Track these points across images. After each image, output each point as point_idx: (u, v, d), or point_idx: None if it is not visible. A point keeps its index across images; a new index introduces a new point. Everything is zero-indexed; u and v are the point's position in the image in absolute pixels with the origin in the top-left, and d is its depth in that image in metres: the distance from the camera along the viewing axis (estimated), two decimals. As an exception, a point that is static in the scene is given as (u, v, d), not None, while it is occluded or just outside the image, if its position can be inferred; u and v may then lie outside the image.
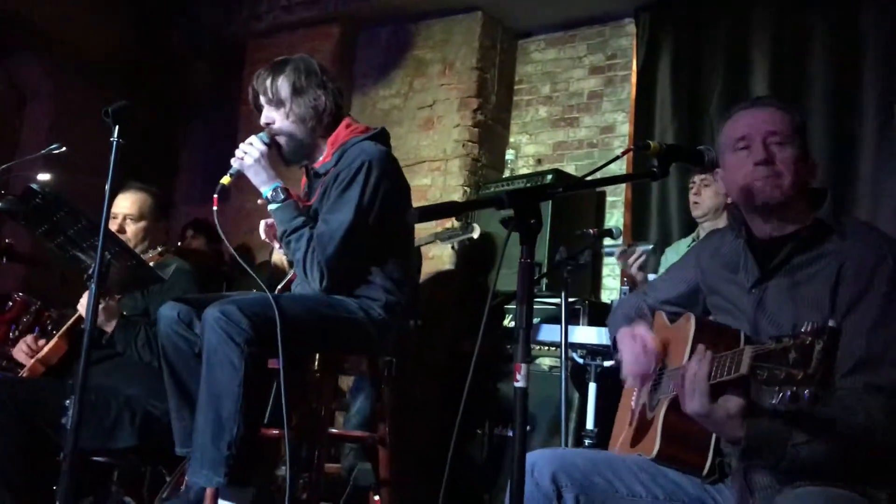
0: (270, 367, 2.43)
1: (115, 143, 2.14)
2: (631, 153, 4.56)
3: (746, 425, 1.53)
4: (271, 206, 2.59)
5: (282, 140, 2.66)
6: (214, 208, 2.52)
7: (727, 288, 1.89)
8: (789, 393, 1.32)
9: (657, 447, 1.73)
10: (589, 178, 1.73)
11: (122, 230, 2.99)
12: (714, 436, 1.71)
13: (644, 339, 1.92)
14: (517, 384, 1.46)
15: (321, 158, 2.70)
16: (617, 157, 1.80)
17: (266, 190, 2.58)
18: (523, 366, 1.46)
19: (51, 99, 5.84)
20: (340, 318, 2.52)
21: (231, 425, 2.26)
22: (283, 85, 2.64)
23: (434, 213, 1.46)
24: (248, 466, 2.30)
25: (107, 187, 2.15)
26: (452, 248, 4.78)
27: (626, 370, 1.95)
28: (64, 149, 2.49)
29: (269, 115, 2.67)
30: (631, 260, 3.35)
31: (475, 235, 4.05)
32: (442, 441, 4.34)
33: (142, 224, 3.06)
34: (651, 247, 3.47)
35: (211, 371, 2.30)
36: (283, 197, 2.57)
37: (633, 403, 2.04)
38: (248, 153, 2.57)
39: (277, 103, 2.64)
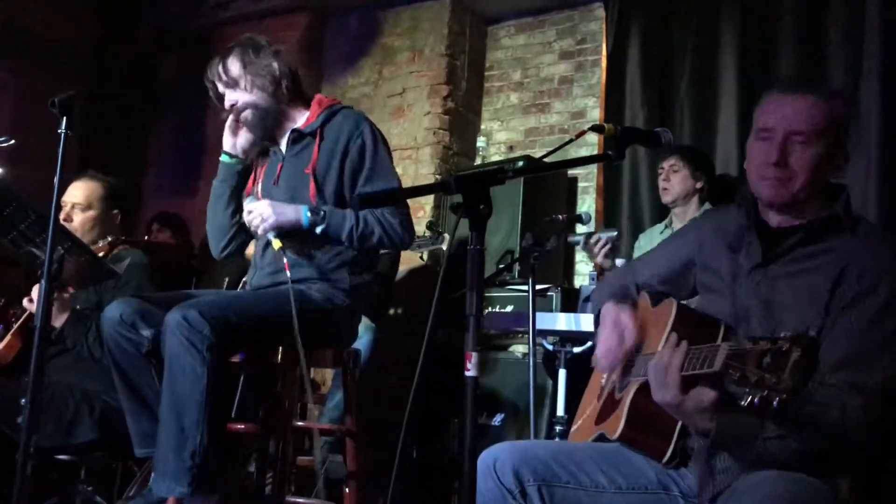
0: (231, 361, 2.39)
1: (62, 134, 2.08)
2: (602, 138, 4.58)
3: (717, 418, 1.52)
4: (319, 229, 2.51)
5: (247, 114, 2.63)
6: (286, 273, 2.44)
7: (723, 266, 1.85)
8: (758, 398, 1.29)
9: (620, 428, 1.72)
10: (545, 160, 1.70)
11: (68, 219, 2.95)
12: (679, 423, 1.69)
13: (622, 330, 1.89)
14: (468, 373, 1.43)
15: (303, 121, 2.67)
16: (570, 141, 1.78)
17: (304, 220, 2.51)
18: (474, 354, 1.44)
19: (14, 91, 5.73)
20: (306, 311, 2.49)
21: (194, 434, 2.23)
22: (234, 63, 2.64)
23: (379, 200, 1.42)
24: (212, 473, 2.26)
25: (55, 180, 2.10)
26: (421, 257, 4.75)
27: (597, 355, 1.94)
28: (13, 142, 2.43)
29: (231, 97, 2.65)
30: (596, 249, 3.33)
31: (444, 246, 4.03)
32: (416, 432, 4.31)
33: (90, 213, 3.00)
34: (615, 233, 3.45)
35: (172, 378, 2.26)
36: (322, 213, 2.50)
37: (602, 380, 2.03)
38: (261, 212, 2.50)
39: (233, 83, 2.63)
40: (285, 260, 2.43)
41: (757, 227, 1.81)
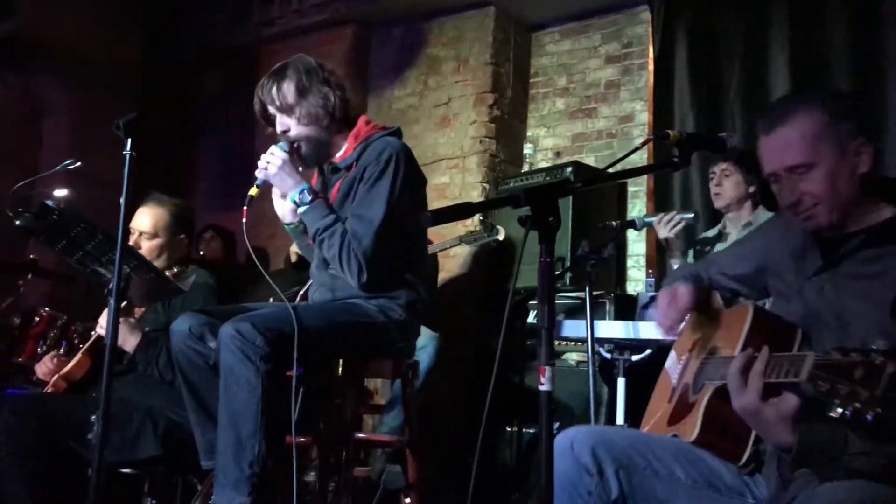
0: (289, 374, 2.41)
1: (127, 155, 2.13)
2: (651, 142, 4.53)
3: (799, 431, 1.48)
4: (300, 210, 2.60)
5: (301, 145, 2.65)
6: (244, 220, 2.51)
7: (789, 275, 1.84)
8: (850, 411, 1.25)
9: (696, 432, 1.69)
10: (608, 170, 1.69)
11: (137, 246, 2.98)
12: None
13: (676, 291, 1.91)
14: (542, 387, 1.42)
15: (341, 153, 2.69)
16: (636, 149, 1.76)
17: (293, 194, 2.59)
18: (548, 368, 1.42)
19: (67, 113, 5.87)
20: (360, 323, 2.51)
21: (252, 444, 2.25)
22: (289, 89, 2.64)
23: (449, 214, 1.43)
24: (271, 483, 2.28)
25: (121, 201, 2.13)
26: (477, 249, 4.74)
27: (656, 320, 1.97)
28: (79, 164, 2.49)
29: (283, 122, 2.67)
30: (672, 222, 3.32)
31: (500, 237, 4.02)
32: (470, 440, 4.31)
33: (156, 242, 3.03)
34: (692, 215, 3.42)
35: (228, 391, 2.29)
36: (310, 198, 2.57)
37: (673, 381, 2.01)
38: (271, 162, 2.58)
39: (288, 109, 2.64)
40: (243, 208, 2.51)
41: (816, 236, 1.78)
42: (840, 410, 1.26)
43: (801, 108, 1.72)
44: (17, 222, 2.36)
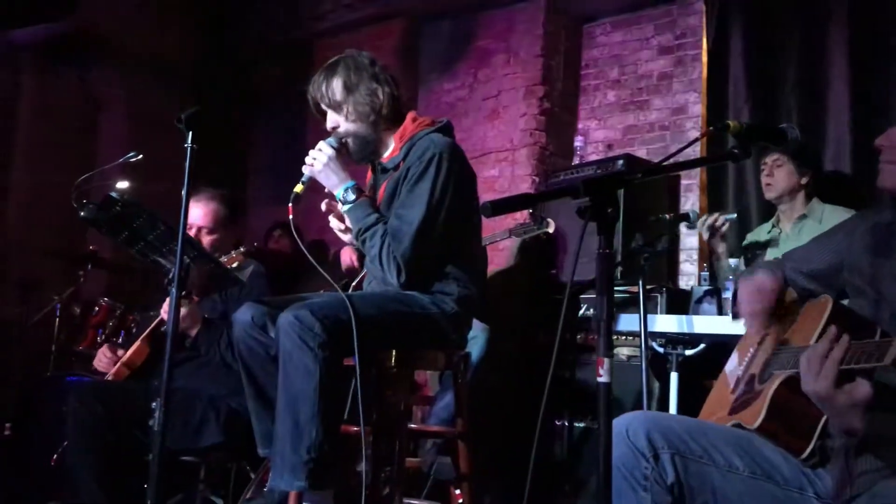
0: (346, 364, 2.44)
1: (188, 148, 2.17)
2: (706, 136, 4.47)
3: (869, 419, 1.46)
4: (343, 208, 2.63)
5: (349, 141, 2.68)
6: (290, 217, 2.55)
7: (871, 270, 1.80)
8: None
9: (761, 418, 1.67)
10: (665, 163, 1.68)
11: (197, 240, 3.04)
12: (822, 421, 1.64)
13: (762, 279, 1.89)
14: (600, 379, 1.42)
15: (388, 153, 2.71)
16: (695, 140, 1.76)
17: (338, 192, 2.63)
18: (606, 360, 1.42)
19: (125, 107, 6.00)
20: (414, 314, 2.53)
21: (310, 429, 2.28)
22: (337, 86, 2.66)
23: (508, 205, 1.43)
24: (328, 469, 2.31)
25: (183, 192, 2.19)
26: (525, 242, 4.73)
27: (741, 310, 1.94)
28: (141, 156, 2.55)
29: (333, 118, 2.70)
30: (718, 224, 3.28)
31: (550, 230, 4.01)
32: (518, 433, 4.31)
33: (215, 236, 3.10)
34: (734, 216, 3.37)
35: (287, 377, 2.32)
36: (353, 197, 2.60)
37: (739, 372, 1.98)
38: (318, 158, 2.62)
39: (336, 106, 2.67)
40: (288, 205, 2.55)
41: None
42: None
43: None
44: (82, 213, 2.42)
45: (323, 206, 2.80)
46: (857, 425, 1.47)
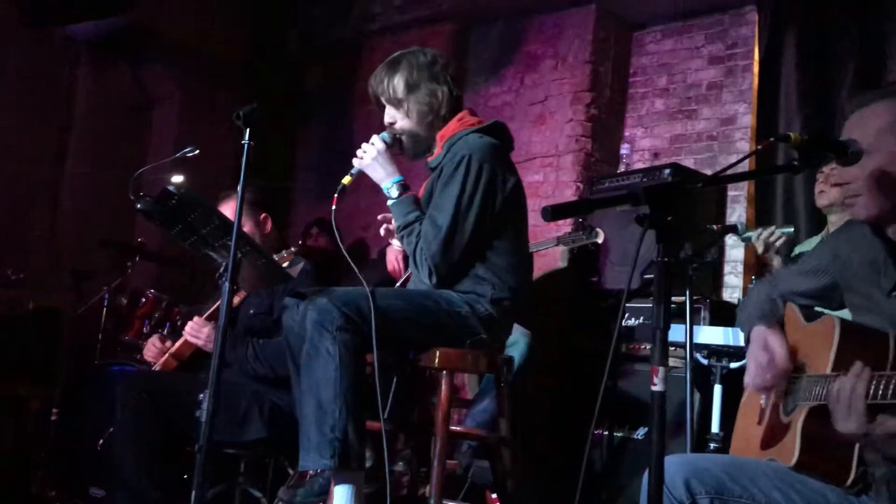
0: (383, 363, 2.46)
1: (246, 145, 2.20)
2: (753, 145, 4.42)
3: None
4: (389, 202, 2.66)
5: (404, 138, 2.70)
6: (333, 207, 2.58)
7: (866, 289, 1.78)
8: None
9: (796, 456, 1.65)
10: (725, 173, 1.66)
11: None
12: (857, 446, 1.61)
13: (773, 352, 1.83)
14: (655, 388, 1.41)
15: (434, 153, 2.72)
16: (756, 150, 1.74)
17: (384, 186, 2.65)
18: (661, 369, 1.42)
19: (177, 103, 6.11)
20: (440, 309, 2.53)
21: (333, 409, 2.30)
22: (399, 84, 2.67)
23: (567, 210, 1.44)
24: (355, 449, 2.32)
25: (238, 188, 2.22)
26: (573, 251, 4.71)
27: (748, 379, 1.88)
28: (197, 151, 2.59)
29: (391, 114, 2.72)
30: (772, 239, 3.23)
31: (599, 240, 3.98)
32: (557, 440, 4.29)
33: (245, 229, 3.13)
34: (791, 229, 3.32)
35: (309, 361, 2.36)
36: (397, 193, 2.62)
37: (762, 402, 1.95)
38: (368, 152, 2.64)
39: (396, 103, 2.69)
40: (334, 195, 2.59)
41: (884, 243, 1.74)
42: None
43: (878, 99, 1.74)
44: (139, 206, 2.47)
45: (382, 231, 2.84)
46: None
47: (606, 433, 4.08)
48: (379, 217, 2.85)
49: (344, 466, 2.31)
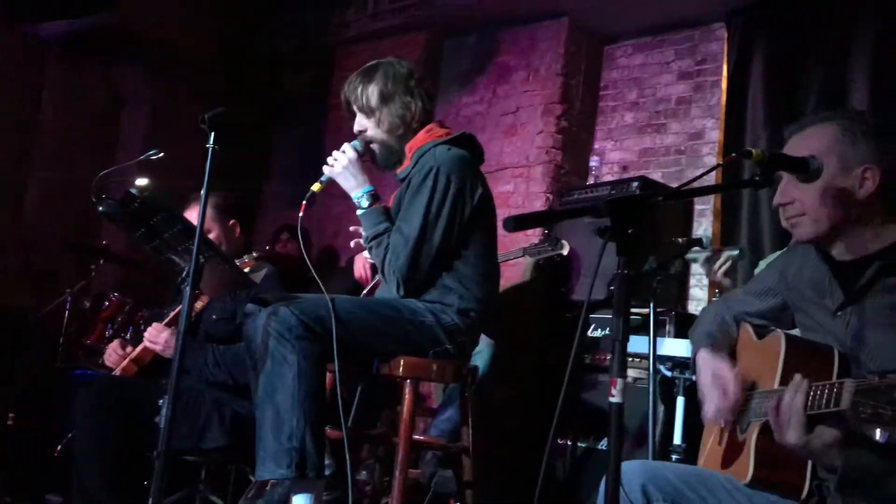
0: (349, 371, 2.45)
1: (210, 149, 2.19)
2: (720, 160, 4.47)
3: (844, 456, 1.47)
4: (359, 212, 2.65)
5: (375, 147, 2.70)
6: (300, 214, 2.57)
7: (813, 310, 1.82)
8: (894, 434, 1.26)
9: (751, 473, 1.67)
10: (688, 187, 1.68)
11: None
12: (810, 461, 1.63)
13: (725, 386, 1.84)
14: (613, 399, 1.42)
15: (403, 164, 2.72)
16: (718, 166, 1.76)
17: (355, 196, 2.64)
18: (619, 380, 1.42)
19: (148, 104, 6.05)
20: (404, 319, 2.52)
21: (290, 417, 2.28)
22: (373, 93, 2.67)
23: (529, 221, 1.44)
24: (313, 458, 2.30)
25: (202, 192, 2.20)
26: (539, 262, 4.73)
27: (705, 415, 1.90)
28: (162, 154, 2.56)
29: (362, 122, 2.71)
30: (717, 266, 3.25)
31: (565, 252, 4.01)
32: (522, 450, 4.29)
33: (211, 236, 3.10)
34: (737, 252, 3.36)
35: (267, 370, 2.34)
36: (367, 203, 2.62)
37: (721, 423, 1.97)
38: (339, 160, 2.63)
39: (368, 111, 2.69)
40: (303, 202, 2.56)
41: (829, 264, 1.77)
42: (887, 435, 1.25)
43: (818, 122, 1.77)
44: (101, 208, 2.43)
45: (353, 244, 2.83)
46: (836, 463, 1.48)
47: (570, 443, 4.09)
48: (351, 229, 2.85)
49: (301, 475, 2.29)
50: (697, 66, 5.08)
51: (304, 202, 2.59)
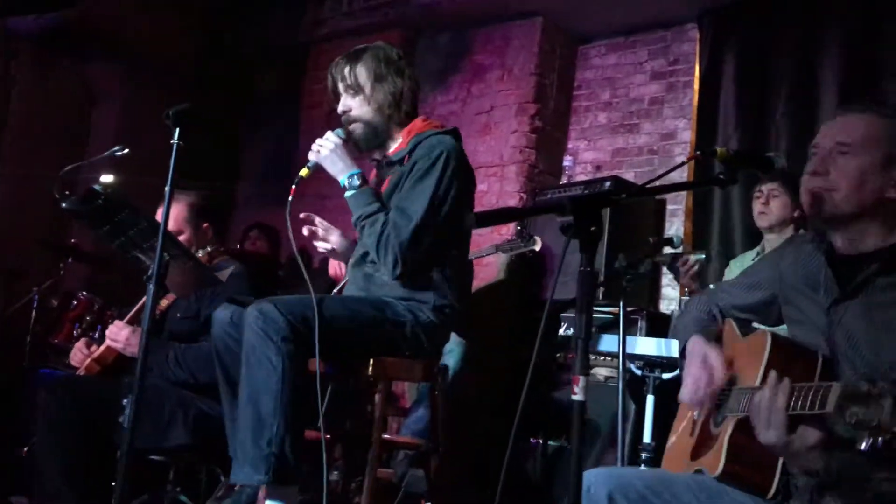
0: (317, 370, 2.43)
1: (175, 145, 2.16)
2: (692, 161, 4.50)
3: (825, 459, 1.47)
4: (347, 194, 2.61)
5: (357, 127, 2.67)
6: (290, 198, 2.54)
7: (804, 303, 1.81)
8: (882, 441, 1.25)
9: (721, 466, 1.66)
10: (652, 185, 1.68)
11: None
12: (781, 459, 1.64)
13: (711, 370, 1.84)
14: (575, 397, 1.42)
15: (395, 147, 2.70)
16: (682, 164, 1.76)
17: (343, 178, 2.61)
18: (582, 378, 1.42)
19: (119, 101, 5.98)
20: (386, 320, 2.51)
21: (271, 423, 2.26)
22: (362, 71, 2.66)
23: (492, 218, 1.43)
24: (291, 464, 2.28)
25: (166, 189, 2.17)
26: (512, 259, 4.74)
27: (684, 394, 1.89)
28: (127, 150, 2.53)
29: (347, 102, 2.69)
30: (684, 269, 3.27)
31: (537, 248, 4.01)
32: (496, 449, 4.29)
33: (182, 237, 3.06)
34: (703, 256, 3.38)
35: (250, 370, 2.31)
36: (358, 183, 2.59)
37: (695, 415, 1.98)
38: (324, 146, 2.61)
39: (356, 90, 2.66)
40: (292, 187, 2.53)
41: (828, 257, 1.77)
42: (870, 441, 1.24)
43: (876, 110, 1.76)
44: (64, 205, 2.40)
45: (305, 231, 2.80)
46: (816, 466, 1.48)
47: (542, 442, 4.09)
48: (302, 215, 2.81)
49: (279, 482, 2.27)
50: (670, 67, 5.10)
51: (292, 186, 2.56)
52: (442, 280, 2.61)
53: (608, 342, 3.42)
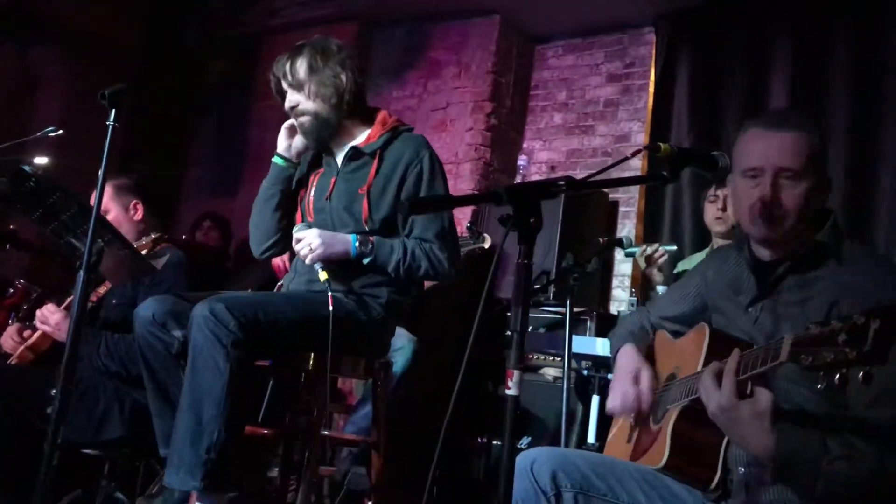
0: (259, 364, 2.37)
1: (110, 126, 2.08)
2: (645, 161, 4.52)
3: (777, 435, 1.45)
4: (367, 260, 2.50)
5: (305, 120, 2.61)
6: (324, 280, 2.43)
7: (728, 307, 1.84)
8: (838, 376, 1.26)
9: (666, 456, 1.66)
10: (594, 178, 1.66)
11: None
12: (723, 447, 1.64)
13: (639, 378, 1.86)
14: (509, 392, 1.39)
15: (364, 139, 2.65)
16: (626, 158, 1.73)
17: (352, 251, 2.49)
18: (516, 372, 1.39)
19: (62, 86, 5.82)
20: (337, 317, 2.46)
21: (212, 429, 2.20)
22: (301, 66, 2.60)
23: (425, 205, 1.39)
24: (226, 471, 2.22)
25: (100, 172, 2.09)
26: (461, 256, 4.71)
27: (611, 406, 1.90)
28: (60, 132, 2.44)
29: (293, 98, 2.63)
30: (656, 255, 3.29)
31: (486, 245, 3.99)
32: (443, 447, 4.26)
33: (111, 216, 2.97)
34: (675, 248, 3.40)
35: (195, 372, 2.23)
36: (370, 245, 2.48)
37: (631, 421, 1.97)
38: (311, 242, 2.47)
39: (298, 85, 2.61)
40: (329, 294, 2.37)
41: (751, 263, 1.79)
42: (827, 380, 1.25)
43: (808, 125, 1.74)
44: (-5, 188, 2.31)
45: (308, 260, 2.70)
46: (766, 442, 1.45)
47: (487, 441, 4.07)
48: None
49: (213, 490, 2.22)
50: (626, 69, 5.13)
51: (328, 294, 2.39)
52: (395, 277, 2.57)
53: (557, 341, 3.41)
